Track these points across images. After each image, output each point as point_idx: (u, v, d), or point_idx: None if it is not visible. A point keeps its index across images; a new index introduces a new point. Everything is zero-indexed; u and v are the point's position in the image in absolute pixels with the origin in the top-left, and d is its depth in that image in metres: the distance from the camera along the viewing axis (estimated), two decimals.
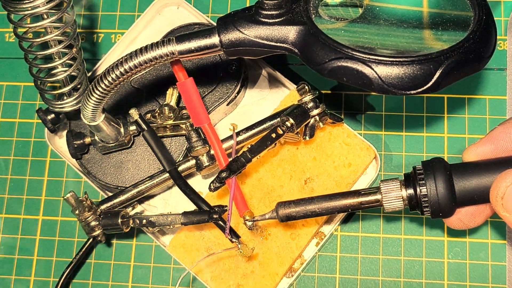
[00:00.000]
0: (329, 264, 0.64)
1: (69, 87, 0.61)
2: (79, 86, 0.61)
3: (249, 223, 0.56)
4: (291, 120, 0.57)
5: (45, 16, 0.58)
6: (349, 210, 0.51)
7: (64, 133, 0.68)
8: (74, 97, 0.61)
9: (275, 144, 0.58)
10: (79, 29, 0.73)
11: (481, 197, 0.47)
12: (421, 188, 0.48)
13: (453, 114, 0.66)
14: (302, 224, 0.61)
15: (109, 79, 0.51)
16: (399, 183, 0.50)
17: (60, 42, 0.60)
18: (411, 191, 0.49)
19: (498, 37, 0.66)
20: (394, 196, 0.49)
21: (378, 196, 0.50)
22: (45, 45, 0.61)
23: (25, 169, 0.70)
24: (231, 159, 0.56)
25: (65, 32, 0.59)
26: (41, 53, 0.60)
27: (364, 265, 0.63)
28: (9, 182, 0.70)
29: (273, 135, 0.57)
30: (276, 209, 0.52)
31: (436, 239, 0.63)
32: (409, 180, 0.49)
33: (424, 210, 0.49)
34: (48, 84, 0.63)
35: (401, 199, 0.49)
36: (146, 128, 0.59)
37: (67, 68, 0.61)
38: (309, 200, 0.52)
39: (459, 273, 0.62)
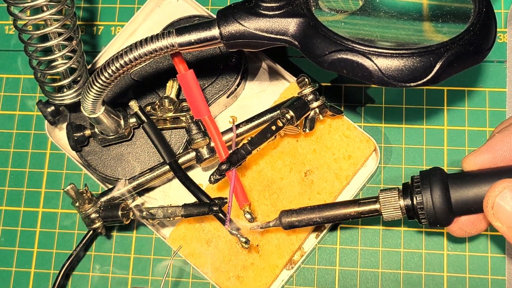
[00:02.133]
0: (329, 256, 0.64)
1: (69, 79, 0.61)
2: (79, 78, 0.61)
3: (248, 216, 0.56)
4: (291, 113, 0.57)
5: (45, 9, 0.58)
6: (350, 219, 0.53)
7: (64, 125, 0.68)
8: (74, 90, 0.61)
9: (275, 136, 0.58)
10: (79, 21, 0.73)
11: (477, 207, 0.48)
12: (417, 199, 0.49)
13: (453, 107, 0.66)
14: None
15: (109, 71, 0.51)
16: (397, 193, 0.51)
17: (60, 34, 0.60)
18: (408, 201, 0.50)
19: (498, 30, 0.66)
20: (392, 206, 0.51)
21: (376, 206, 0.51)
22: (45, 38, 0.61)
23: (25, 161, 0.70)
24: (231, 151, 0.56)
25: (65, 24, 0.59)
26: (41, 45, 0.60)
27: (364, 257, 0.63)
28: (9, 175, 0.70)
29: (273, 128, 0.57)
30: (279, 217, 0.54)
31: (436, 231, 0.63)
32: (407, 190, 0.50)
33: (422, 220, 0.50)
34: (48, 77, 0.63)
35: (399, 209, 0.50)
36: (146, 120, 0.59)
37: (67, 61, 0.61)
38: (311, 209, 0.54)
39: (459, 265, 0.62)
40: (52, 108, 0.64)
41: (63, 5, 0.58)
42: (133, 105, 0.59)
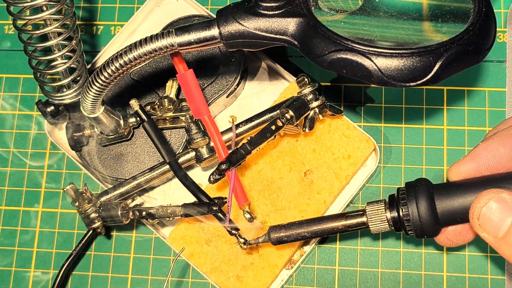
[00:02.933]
0: (328, 256, 0.64)
1: (69, 79, 0.61)
2: (78, 78, 0.61)
3: (247, 216, 0.56)
4: (291, 112, 0.57)
5: (45, 8, 0.58)
6: (337, 232, 0.53)
7: (64, 125, 0.68)
8: (73, 89, 0.61)
9: (275, 136, 0.58)
10: (79, 21, 0.73)
11: (463, 218, 0.48)
12: (403, 211, 0.49)
13: (452, 106, 0.66)
14: (301, 216, 0.61)
15: (109, 71, 0.51)
16: (383, 206, 0.51)
17: (59, 34, 0.60)
18: (395, 213, 0.50)
19: (497, 29, 0.66)
20: (379, 219, 0.51)
21: (363, 219, 0.52)
22: (44, 37, 0.61)
23: (24, 161, 0.70)
24: (230, 151, 0.56)
25: (65, 24, 0.59)
26: (40, 45, 0.60)
27: (364, 257, 0.63)
28: (9, 174, 0.70)
29: (273, 127, 0.57)
30: (268, 233, 0.55)
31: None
32: (393, 202, 0.51)
33: (409, 231, 0.50)
34: (48, 76, 0.63)
35: (386, 222, 0.51)
36: (146, 119, 0.59)
37: (66, 60, 0.61)
38: (299, 224, 0.54)
39: (458, 264, 0.62)
40: (52, 108, 0.64)
41: (62, 5, 0.58)
42: (134, 103, 0.59)
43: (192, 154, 0.62)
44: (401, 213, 0.49)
